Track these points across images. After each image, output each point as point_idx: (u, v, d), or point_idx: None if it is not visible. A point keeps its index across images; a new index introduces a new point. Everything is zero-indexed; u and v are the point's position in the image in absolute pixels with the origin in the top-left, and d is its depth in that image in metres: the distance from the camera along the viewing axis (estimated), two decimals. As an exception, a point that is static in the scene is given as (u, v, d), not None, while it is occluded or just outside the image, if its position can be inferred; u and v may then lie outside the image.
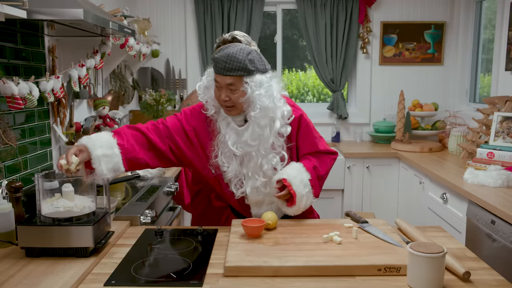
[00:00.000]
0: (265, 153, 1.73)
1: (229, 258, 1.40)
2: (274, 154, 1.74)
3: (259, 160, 1.73)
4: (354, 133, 4.24)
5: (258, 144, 1.71)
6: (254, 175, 1.75)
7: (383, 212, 3.69)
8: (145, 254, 1.52)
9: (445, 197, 2.76)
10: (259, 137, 1.71)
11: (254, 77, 1.67)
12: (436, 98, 4.16)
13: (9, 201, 1.65)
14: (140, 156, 1.72)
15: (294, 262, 1.37)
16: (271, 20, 4.29)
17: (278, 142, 1.75)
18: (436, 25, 4.09)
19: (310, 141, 1.83)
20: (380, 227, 1.68)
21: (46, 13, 1.72)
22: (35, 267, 1.39)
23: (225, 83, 1.67)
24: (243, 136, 1.72)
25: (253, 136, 1.71)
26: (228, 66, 1.64)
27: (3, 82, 1.84)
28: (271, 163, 1.74)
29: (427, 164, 3.11)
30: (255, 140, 1.71)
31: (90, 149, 1.62)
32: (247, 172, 1.76)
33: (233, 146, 1.72)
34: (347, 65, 4.08)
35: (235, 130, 1.74)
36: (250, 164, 1.75)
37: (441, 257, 1.22)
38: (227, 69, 1.65)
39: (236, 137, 1.73)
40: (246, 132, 1.71)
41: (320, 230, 1.66)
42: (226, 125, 1.75)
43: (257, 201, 1.81)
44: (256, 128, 1.70)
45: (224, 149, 1.74)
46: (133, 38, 3.00)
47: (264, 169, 1.74)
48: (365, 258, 1.40)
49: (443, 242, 1.62)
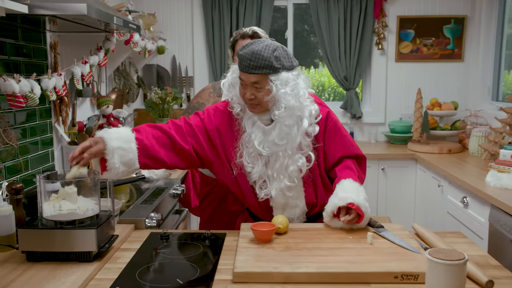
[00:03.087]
0: (291, 153, 1.72)
1: (237, 264, 1.40)
2: (300, 155, 1.74)
3: (285, 160, 1.72)
4: (368, 133, 4.22)
5: (286, 143, 1.71)
6: (279, 176, 1.75)
7: (399, 216, 3.66)
8: (150, 259, 1.52)
9: (465, 201, 2.74)
10: (286, 136, 1.70)
11: (280, 75, 1.66)
12: (456, 97, 4.12)
13: (9, 203, 1.66)
14: (160, 155, 1.70)
15: (306, 268, 1.37)
16: (280, 14, 4.29)
17: (305, 142, 1.74)
18: (456, 19, 4.05)
19: (341, 141, 1.81)
20: (396, 232, 1.66)
21: (48, 8, 1.73)
22: (36, 272, 1.39)
23: (250, 81, 1.67)
24: (270, 135, 1.71)
25: (280, 135, 1.70)
26: (253, 64, 1.64)
27: (3, 80, 1.85)
28: (297, 164, 1.73)
29: (446, 166, 3.08)
30: (282, 139, 1.70)
31: (106, 140, 1.61)
32: (272, 173, 1.75)
33: (260, 145, 1.71)
34: (362, 62, 4.06)
35: (262, 129, 1.73)
36: (276, 165, 1.74)
37: (462, 264, 1.20)
38: (251, 67, 1.64)
39: (262, 136, 1.72)
40: (274, 131, 1.71)
41: (333, 235, 1.65)
42: (252, 124, 1.75)
43: (282, 203, 1.80)
44: (284, 127, 1.70)
45: (249, 149, 1.74)
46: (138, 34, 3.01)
47: (290, 170, 1.73)
48: (381, 264, 1.39)
49: (464, 248, 1.60)
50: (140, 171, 2.68)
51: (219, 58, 4.01)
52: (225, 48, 3.97)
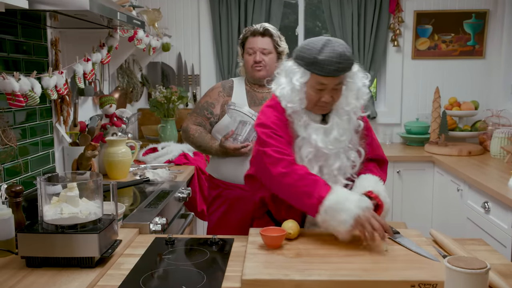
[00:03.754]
0: (346, 149, 1.77)
1: (246, 271, 1.40)
2: (352, 150, 1.79)
3: (340, 157, 1.76)
4: (383, 134, 4.20)
5: (346, 139, 1.76)
6: (338, 176, 1.77)
7: (415, 222, 3.63)
8: (154, 265, 1.53)
9: (487, 206, 2.72)
10: (345, 131, 1.75)
11: (352, 72, 1.73)
12: (476, 96, 4.09)
13: (8, 206, 1.67)
14: None
15: (318, 276, 1.36)
16: (291, 9, 4.29)
17: (355, 137, 1.79)
18: (478, 14, 4.03)
19: (370, 141, 1.86)
20: (413, 238, 1.66)
21: (49, 3, 1.75)
22: (36, 278, 1.40)
23: (334, 83, 1.70)
24: (331, 133, 1.74)
25: (340, 131, 1.74)
26: (341, 66, 1.67)
27: (3, 78, 1.87)
28: (351, 159, 1.78)
29: (466, 169, 3.06)
30: (342, 135, 1.75)
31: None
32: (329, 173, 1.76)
33: (323, 145, 1.72)
34: (376, 59, 4.05)
35: (322, 129, 1.75)
36: (335, 164, 1.75)
37: (484, 273, 1.19)
38: (340, 70, 1.67)
39: (324, 136, 1.74)
40: (335, 128, 1.74)
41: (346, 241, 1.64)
42: (305, 126, 1.75)
43: None
44: (340, 122, 1.75)
45: (305, 152, 1.74)
46: (143, 30, 3.03)
47: (345, 165, 1.77)
48: (397, 272, 1.38)
49: (485, 256, 1.59)
50: (144, 173, 2.69)
51: (227, 55, 4.01)
52: (233, 45, 3.98)
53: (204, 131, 2.43)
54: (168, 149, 3.18)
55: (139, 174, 2.73)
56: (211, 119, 2.44)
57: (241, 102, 2.38)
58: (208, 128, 2.46)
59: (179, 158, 3.11)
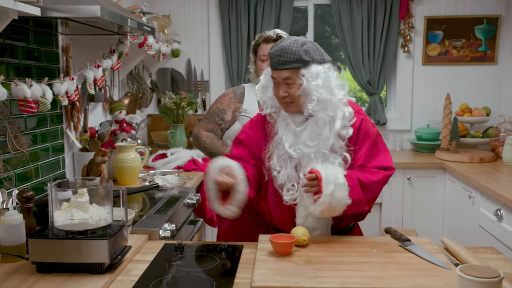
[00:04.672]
0: (325, 155, 1.75)
1: (255, 278, 1.40)
2: (336, 156, 1.77)
3: (319, 162, 1.74)
4: (393, 141, 4.18)
5: (317, 145, 1.74)
6: None
7: (426, 229, 3.61)
8: (164, 272, 1.53)
9: (499, 213, 2.70)
10: (318, 137, 1.74)
11: (311, 68, 1.72)
12: (488, 102, 4.07)
13: (20, 211, 1.68)
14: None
15: (329, 283, 1.36)
16: (300, 15, 4.30)
17: (338, 144, 1.77)
18: (489, 19, 4.01)
19: (367, 151, 1.82)
20: (424, 246, 1.65)
21: (61, 10, 1.77)
22: (46, 284, 1.41)
23: (281, 77, 1.73)
24: (301, 136, 1.75)
25: (311, 136, 1.74)
26: (283, 60, 1.70)
27: (15, 85, 1.88)
28: (335, 165, 1.74)
29: (477, 176, 3.04)
30: (313, 140, 1.74)
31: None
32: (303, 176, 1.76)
33: (290, 148, 1.76)
34: (386, 65, 4.04)
35: (293, 131, 1.78)
36: (308, 168, 1.74)
37: (497, 282, 1.18)
38: (281, 63, 1.71)
39: (293, 139, 1.77)
40: (305, 132, 1.75)
41: (357, 248, 1.64)
42: (285, 126, 1.80)
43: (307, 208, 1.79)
44: (315, 128, 1.74)
45: (279, 151, 1.79)
46: (152, 36, 3.05)
47: None
48: (408, 280, 1.38)
49: (498, 265, 1.58)
50: (153, 179, 2.70)
51: (236, 61, 4.03)
52: (242, 51, 3.99)
53: (215, 137, 2.43)
54: (178, 155, 3.19)
55: (148, 180, 2.74)
56: (222, 125, 2.45)
57: (252, 108, 2.39)
58: (219, 135, 2.46)
59: (188, 164, 3.12)
